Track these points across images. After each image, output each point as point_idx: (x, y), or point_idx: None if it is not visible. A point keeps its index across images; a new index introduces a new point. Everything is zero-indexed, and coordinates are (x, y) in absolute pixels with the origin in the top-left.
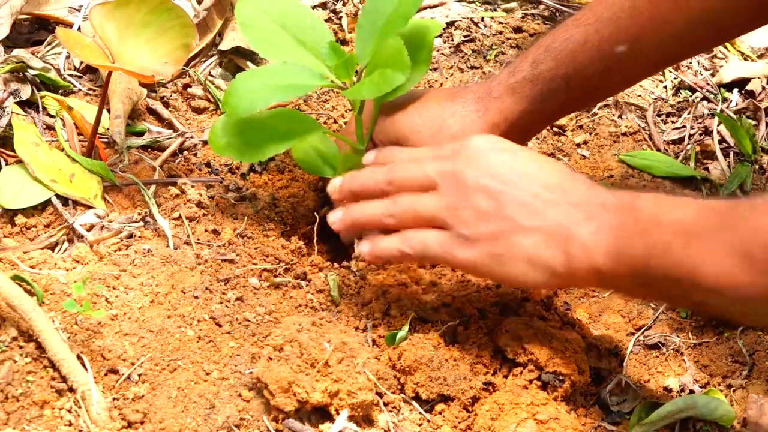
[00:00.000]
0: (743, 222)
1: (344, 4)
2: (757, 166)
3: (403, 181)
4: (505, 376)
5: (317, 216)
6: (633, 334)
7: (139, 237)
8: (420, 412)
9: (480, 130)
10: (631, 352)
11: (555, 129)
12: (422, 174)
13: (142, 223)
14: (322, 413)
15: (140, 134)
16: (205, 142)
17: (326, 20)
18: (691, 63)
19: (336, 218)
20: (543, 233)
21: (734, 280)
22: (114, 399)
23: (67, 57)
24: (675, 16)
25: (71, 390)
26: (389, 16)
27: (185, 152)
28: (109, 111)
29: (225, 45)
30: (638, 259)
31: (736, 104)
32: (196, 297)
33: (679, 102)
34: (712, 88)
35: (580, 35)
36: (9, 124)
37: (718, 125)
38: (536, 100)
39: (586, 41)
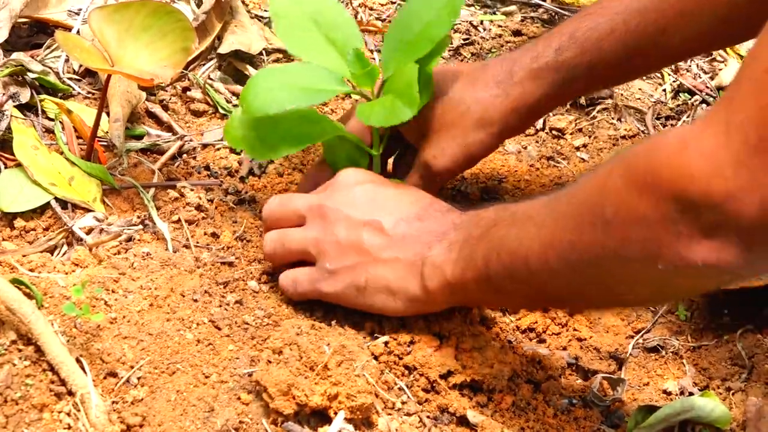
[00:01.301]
0: (568, 193)
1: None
2: None
3: (276, 219)
4: None
5: None
6: (632, 337)
7: (138, 240)
8: (419, 416)
9: (501, 115)
10: (631, 355)
11: (554, 132)
12: (291, 210)
13: (141, 227)
14: (322, 416)
15: (139, 137)
16: (204, 146)
17: None
18: (690, 66)
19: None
20: (401, 263)
21: (557, 249)
22: (113, 402)
23: (66, 60)
24: (703, 10)
25: (70, 393)
26: (416, 35)
27: (184, 155)
28: (108, 114)
29: (224, 48)
30: (480, 261)
31: None
32: (196, 300)
33: (678, 105)
34: (712, 91)
35: (606, 24)
36: (8, 128)
37: None
38: (557, 86)
39: (612, 30)
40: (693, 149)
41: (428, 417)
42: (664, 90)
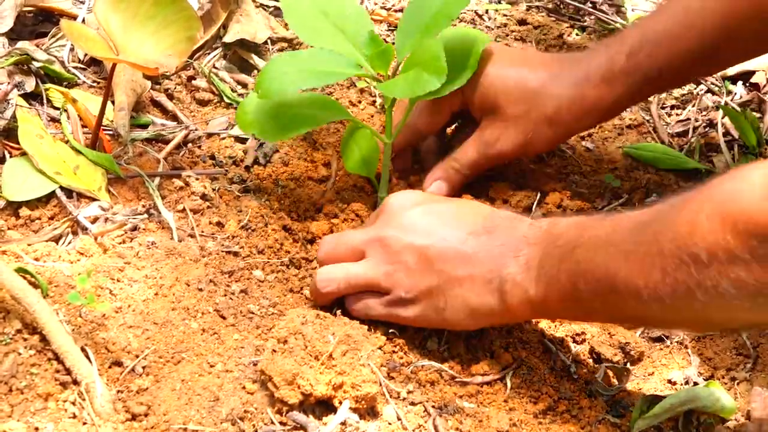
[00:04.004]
0: (653, 224)
1: None
2: (761, 158)
3: (333, 259)
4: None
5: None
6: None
7: (144, 229)
8: (424, 405)
9: (574, 117)
10: (636, 344)
11: None
12: (350, 248)
13: (146, 216)
14: (326, 406)
15: (144, 126)
16: (209, 135)
17: None
18: None
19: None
20: (476, 279)
21: (646, 280)
22: (118, 391)
23: (72, 49)
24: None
25: (75, 382)
26: (434, 14)
27: (189, 144)
28: (113, 103)
29: (229, 37)
30: (565, 282)
31: (741, 97)
32: (201, 289)
33: (683, 94)
34: (717, 80)
35: (679, 24)
36: (13, 117)
37: (723, 118)
38: (629, 90)
39: (687, 29)
40: None
41: (433, 407)
42: None
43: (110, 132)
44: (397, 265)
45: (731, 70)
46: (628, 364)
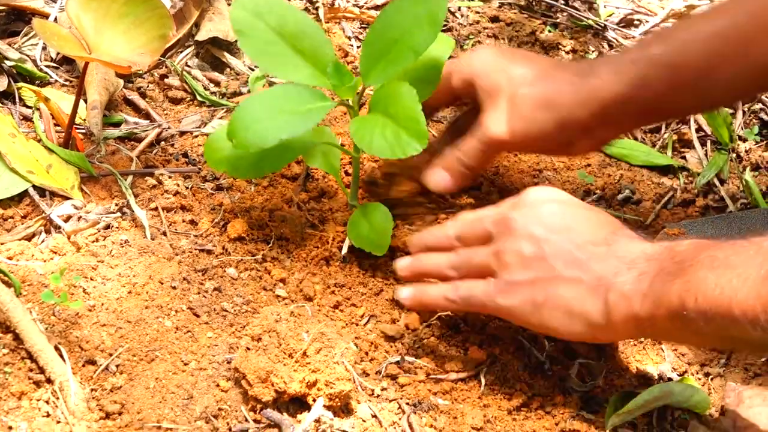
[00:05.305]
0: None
1: None
2: (734, 155)
3: (467, 235)
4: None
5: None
6: None
7: (117, 228)
8: (398, 402)
9: (569, 103)
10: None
11: None
12: (481, 228)
13: (119, 214)
14: (300, 403)
15: (117, 125)
16: (182, 133)
17: (303, 10)
18: None
19: (404, 265)
20: (583, 284)
21: (766, 305)
22: (92, 390)
23: (44, 48)
24: None
25: (49, 381)
26: (397, 41)
27: (162, 143)
28: (86, 102)
29: (202, 36)
30: (675, 299)
31: None
32: (174, 287)
33: None
34: None
35: (700, 28)
36: None
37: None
38: (636, 84)
39: (705, 34)
40: None
41: (408, 404)
42: None
43: (83, 131)
44: (513, 248)
45: None
46: (602, 360)
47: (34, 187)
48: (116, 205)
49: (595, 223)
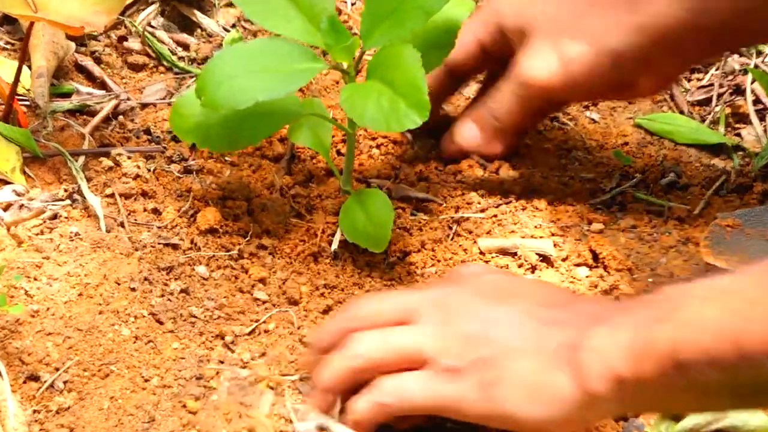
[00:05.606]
0: None
1: None
2: None
3: (374, 318)
4: None
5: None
6: None
7: (66, 218)
8: None
9: (620, 30)
10: None
11: None
12: (396, 306)
13: (68, 202)
14: None
15: (67, 95)
16: (144, 105)
17: None
18: None
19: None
20: (543, 352)
21: None
22: (35, 411)
23: None
24: None
25: None
26: (405, 1)
27: (120, 117)
28: (30, 68)
29: None
30: (664, 346)
31: None
32: (133, 289)
33: None
34: None
35: None
36: None
37: (752, 83)
38: (697, 10)
39: None
40: None
41: None
42: None
43: (26, 102)
44: (451, 328)
45: None
46: None
47: None
48: (65, 190)
49: (547, 290)
